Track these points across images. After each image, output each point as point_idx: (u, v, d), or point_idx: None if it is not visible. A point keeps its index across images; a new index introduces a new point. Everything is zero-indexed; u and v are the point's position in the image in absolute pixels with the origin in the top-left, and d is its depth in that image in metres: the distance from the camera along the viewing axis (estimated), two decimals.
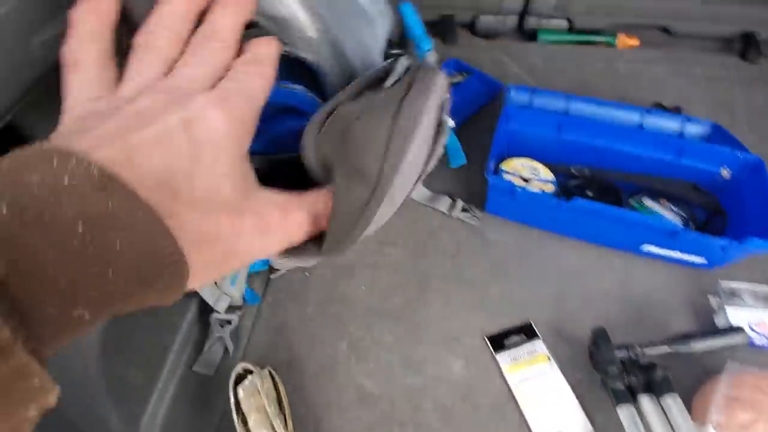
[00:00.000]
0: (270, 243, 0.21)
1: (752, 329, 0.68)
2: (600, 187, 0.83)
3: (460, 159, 0.89)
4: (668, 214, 0.79)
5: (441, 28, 1.22)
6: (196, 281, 0.18)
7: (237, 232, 0.19)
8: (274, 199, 0.21)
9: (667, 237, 0.70)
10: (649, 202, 0.81)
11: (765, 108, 1.03)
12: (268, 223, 0.20)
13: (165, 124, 0.17)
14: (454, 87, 1.05)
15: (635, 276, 0.78)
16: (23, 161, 0.14)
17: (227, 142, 0.18)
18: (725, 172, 0.76)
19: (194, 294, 0.73)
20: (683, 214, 0.79)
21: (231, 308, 0.70)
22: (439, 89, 0.23)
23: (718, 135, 0.85)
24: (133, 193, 0.15)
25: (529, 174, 0.83)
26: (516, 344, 0.71)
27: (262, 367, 0.66)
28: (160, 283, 0.16)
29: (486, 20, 1.21)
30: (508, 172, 0.82)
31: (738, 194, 0.76)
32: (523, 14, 1.19)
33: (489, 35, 1.24)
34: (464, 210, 0.84)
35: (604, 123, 0.82)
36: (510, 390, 0.67)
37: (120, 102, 0.18)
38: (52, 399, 0.13)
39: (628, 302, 0.75)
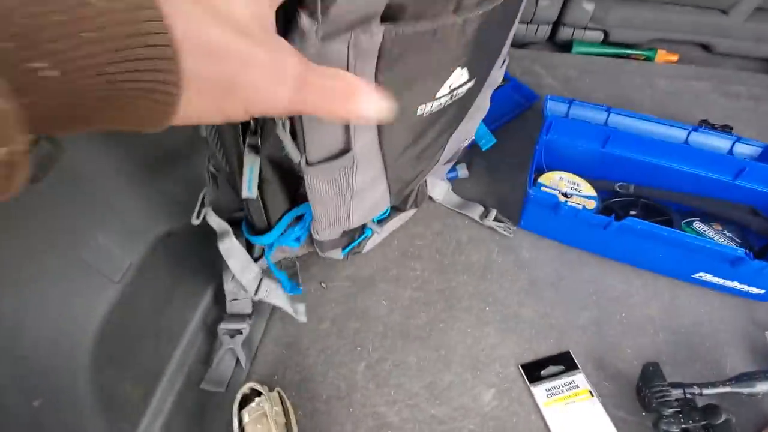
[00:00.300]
0: (278, 92, 0.19)
1: None
2: (647, 207, 0.76)
3: (489, 140, 0.81)
4: (722, 239, 0.72)
5: None
6: (190, 106, 0.16)
7: (245, 60, 0.17)
8: (294, 50, 0.19)
9: (728, 265, 0.63)
10: (700, 226, 0.74)
11: None
12: (283, 67, 0.19)
13: None
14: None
15: (684, 305, 0.71)
16: None
17: None
18: None
19: (198, 298, 0.66)
20: (738, 240, 0.73)
21: (240, 317, 0.63)
22: None
23: None
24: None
25: (570, 189, 0.76)
26: (553, 375, 0.63)
27: (271, 389, 0.58)
28: (145, 73, 0.14)
29: (518, 28, 1.16)
30: (546, 186, 0.75)
31: None
32: (557, 24, 1.15)
33: (517, 44, 1.20)
34: (497, 220, 0.77)
35: (652, 138, 0.75)
36: (547, 427, 0.60)
37: None
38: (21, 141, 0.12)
39: (677, 334, 0.68)
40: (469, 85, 0.43)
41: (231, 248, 0.54)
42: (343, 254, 0.67)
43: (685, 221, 0.75)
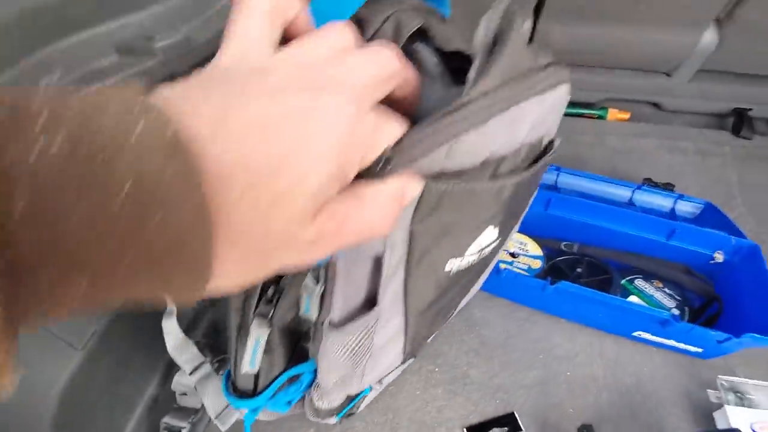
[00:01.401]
0: (317, 255, 0.18)
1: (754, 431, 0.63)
2: (590, 264, 0.80)
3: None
4: (662, 296, 0.76)
5: None
6: (223, 281, 0.16)
7: (292, 245, 0.17)
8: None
9: (659, 326, 0.66)
10: (641, 283, 0.78)
11: (759, 186, 1.02)
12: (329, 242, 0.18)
13: (286, 106, 0.16)
14: None
15: (628, 363, 0.73)
16: (105, 100, 0.13)
17: (339, 158, 0.17)
18: (719, 256, 0.73)
19: (151, 373, 0.67)
20: (678, 297, 0.76)
21: (185, 412, 0.60)
22: None
23: (712, 214, 0.83)
24: (194, 171, 0.13)
25: (517, 249, 0.80)
26: None
27: None
28: (176, 279, 0.14)
29: None
30: None
31: (733, 280, 0.73)
32: None
33: None
34: None
35: (594, 200, 0.80)
36: None
37: (259, 68, 0.17)
38: (5, 381, 0.12)
39: (620, 393, 0.70)
40: (495, 243, 0.41)
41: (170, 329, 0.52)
42: (337, 419, 0.60)
43: (627, 278, 0.78)
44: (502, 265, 0.76)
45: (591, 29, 1.01)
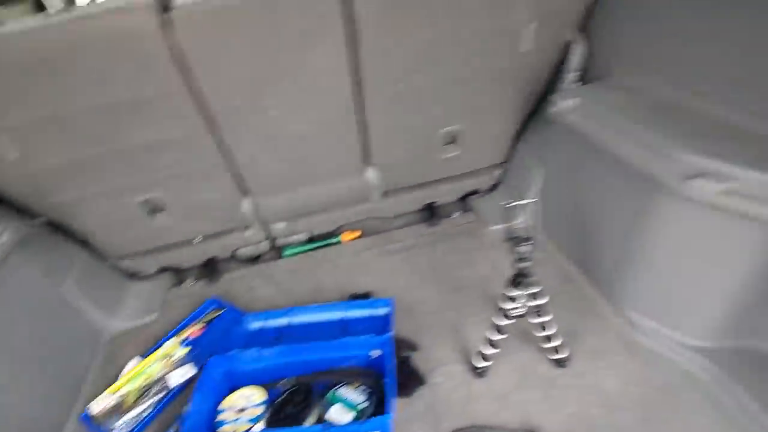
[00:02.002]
0: None
1: None
2: (304, 391, 1.00)
3: None
4: (357, 395, 0.98)
5: (207, 270, 1.49)
6: None
7: None
8: None
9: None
10: (343, 391, 0.99)
11: (444, 260, 1.35)
12: None
13: None
14: (211, 324, 1.25)
15: None
16: None
17: None
18: (375, 353, 0.99)
19: None
20: (369, 391, 0.98)
21: None
22: None
23: (392, 311, 1.11)
24: None
25: (245, 403, 0.99)
26: None
27: None
28: None
29: (244, 251, 1.51)
30: (224, 410, 0.98)
31: (385, 365, 0.97)
32: (273, 239, 1.51)
33: (251, 260, 1.54)
34: None
35: (293, 346, 1.04)
36: None
37: None
38: None
39: None
40: None
41: None
42: None
43: (332, 390, 1.00)
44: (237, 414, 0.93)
45: (290, 193, 1.34)
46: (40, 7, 1.38)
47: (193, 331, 1.21)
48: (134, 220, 1.26)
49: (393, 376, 0.93)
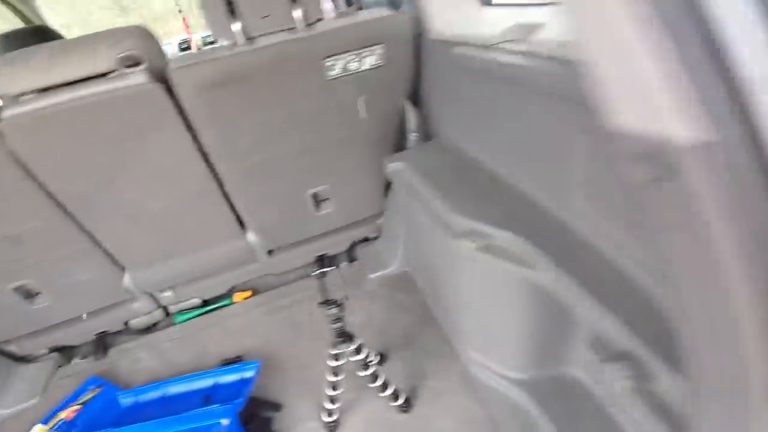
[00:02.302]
0: None
1: None
2: None
3: None
4: None
5: (98, 346, 1.50)
6: None
7: None
8: None
9: None
10: None
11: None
12: None
13: None
14: (85, 404, 1.26)
15: None
16: None
17: None
18: (224, 421, 1.03)
19: None
20: None
21: None
22: None
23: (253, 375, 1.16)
24: None
25: None
26: None
27: None
28: None
29: (136, 322, 1.53)
30: None
31: None
32: (164, 307, 1.55)
33: (146, 330, 1.56)
34: None
35: (166, 415, 1.07)
36: None
37: None
38: None
39: None
40: None
41: None
42: None
43: None
44: None
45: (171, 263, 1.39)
46: None
47: (67, 413, 1.22)
48: (11, 305, 1.28)
49: None
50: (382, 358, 1.19)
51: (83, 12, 4.89)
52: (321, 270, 1.13)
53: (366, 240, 1.66)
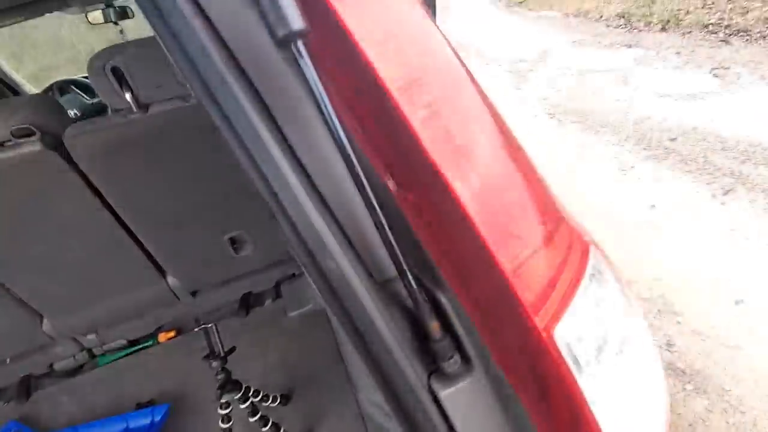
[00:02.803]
0: None
1: None
2: None
3: None
4: None
5: (21, 390, 1.52)
6: None
7: None
8: None
9: None
10: None
11: (244, 352, 1.47)
12: None
13: None
14: None
15: None
16: None
17: None
18: None
19: None
20: None
21: None
22: None
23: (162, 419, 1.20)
24: None
25: None
26: None
27: None
28: None
29: (61, 365, 1.56)
30: None
31: None
32: (89, 349, 1.58)
33: (71, 373, 1.59)
34: None
35: None
36: None
37: None
38: None
39: None
40: None
41: None
42: None
43: None
44: None
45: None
46: None
47: None
48: None
49: None
50: (287, 399, 1.25)
51: None
52: (202, 326, 1.18)
53: (293, 276, 1.73)
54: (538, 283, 0.33)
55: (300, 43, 0.30)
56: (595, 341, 0.37)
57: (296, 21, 0.29)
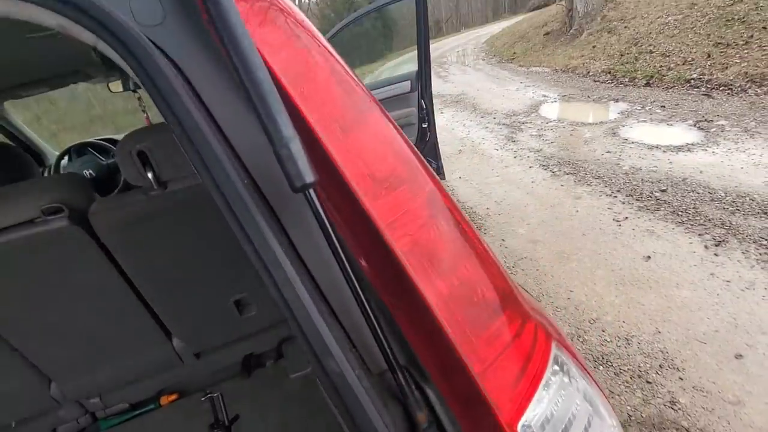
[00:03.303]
0: None
1: None
2: None
3: None
4: None
5: None
6: None
7: None
8: None
9: None
10: None
11: (247, 416, 1.48)
12: None
13: None
14: None
15: None
16: None
17: None
18: None
19: None
20: None
21: None
22: None
23: None
24: None
25: None
26: None
27: None
28: None
29: (64, 429, 1.57)
30: None
31: None
32: (92, 413, 1.59)
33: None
34: None
35: None
36: None
37: None
38: None
39: None
40: None
41: None
42: None
43: None
44: None
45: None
46: None
47: None
48: None
49: None
50: None
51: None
52: (208, 395, 1.21)
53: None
54: (505, 380, 0.39)
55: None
56: (560, 424, 0.42)
57: (309, 175, 0.38)
